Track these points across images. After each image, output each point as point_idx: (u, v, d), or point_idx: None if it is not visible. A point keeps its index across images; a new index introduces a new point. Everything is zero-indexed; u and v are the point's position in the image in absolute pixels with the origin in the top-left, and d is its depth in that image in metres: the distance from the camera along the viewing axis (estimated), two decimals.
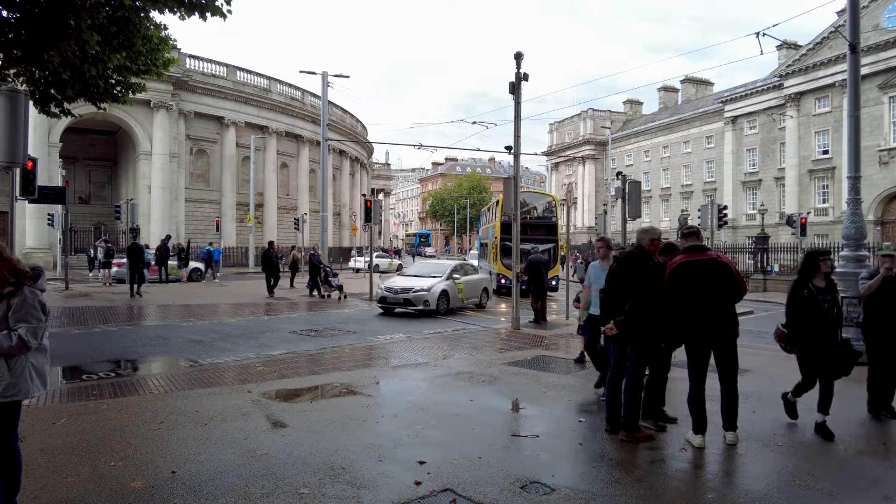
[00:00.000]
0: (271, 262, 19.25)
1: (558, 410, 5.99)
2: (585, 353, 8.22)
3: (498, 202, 22.66)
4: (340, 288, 18.31)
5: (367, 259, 24.79)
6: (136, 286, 17.50)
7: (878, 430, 5.47)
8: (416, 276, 16.27)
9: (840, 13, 30.07)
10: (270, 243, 21.06)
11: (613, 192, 17.17)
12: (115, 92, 11.47)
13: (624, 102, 70.00)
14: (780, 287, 26.05)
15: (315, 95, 39.17)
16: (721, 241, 35.86)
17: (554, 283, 19.93)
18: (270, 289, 19.06)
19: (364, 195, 28.63)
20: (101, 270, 24.49)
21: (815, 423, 5.18)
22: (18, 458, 3.37)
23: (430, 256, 59.77)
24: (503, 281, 21.05)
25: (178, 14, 8.93)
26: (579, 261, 39.85)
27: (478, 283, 17.13)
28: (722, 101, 48.89)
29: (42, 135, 29.90)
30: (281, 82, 42.80)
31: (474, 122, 24.69)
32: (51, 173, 30.12)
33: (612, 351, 5.33)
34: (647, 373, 5.17)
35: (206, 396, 6.20)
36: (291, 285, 21.81)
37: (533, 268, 13.38)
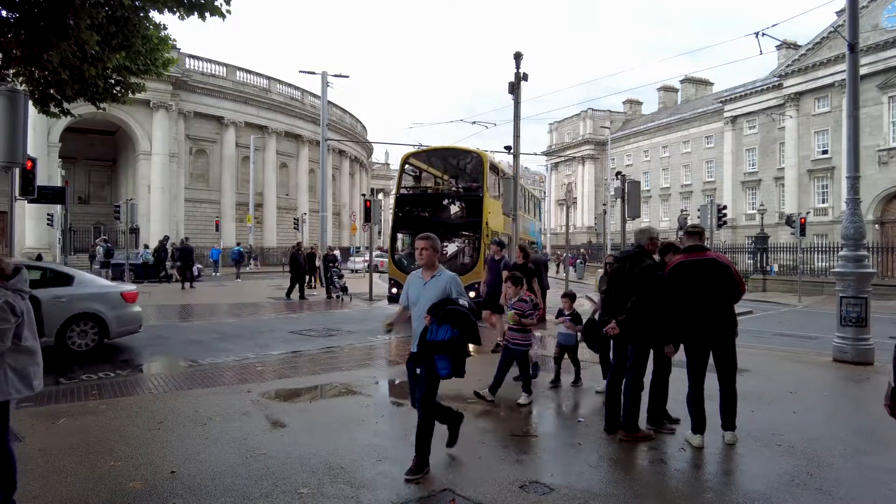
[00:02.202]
0: (298, 265, 19.03)
1: (558, 410, 5.99)
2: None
3: (403, 167, 15.51)
4: (345, 289, 18.28)
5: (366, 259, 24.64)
6: (189, 282, 21.13)
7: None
8: None
9: (839, 13, 30.07)
10: (298, 244, 20.88)
11: (613, 192, 17.18)
12: (114, 92, 11.48)
13: (623, 102, 69.99)
14: (779, 287, 26.06)
15: (315, 95, 39.17)
16: (721, 241, 35.86)
17: (473, 294, 10.70)
18: (289, 292, 18.35)
19: (364, 195, 28.64)
20: (101, 270, 24.50)
21: None
22: (12, 457, 3.34)
23: None
24: (395, 291, 13.88)
25: (178, 14, 8.95)
26: (578, 261, 40.15)
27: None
28: (721, 101, 48.91)
29: (41, 135, 29.90)
30: (281, 82, 42.81)
31: (474, 122, 24.80)
32: (50, 173, 30.13)
33: (616, 355, 5.32)
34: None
35: (206, 396, 6.21)
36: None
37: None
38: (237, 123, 38.68)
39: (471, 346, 4.21)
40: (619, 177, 15.37)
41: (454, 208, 14.47)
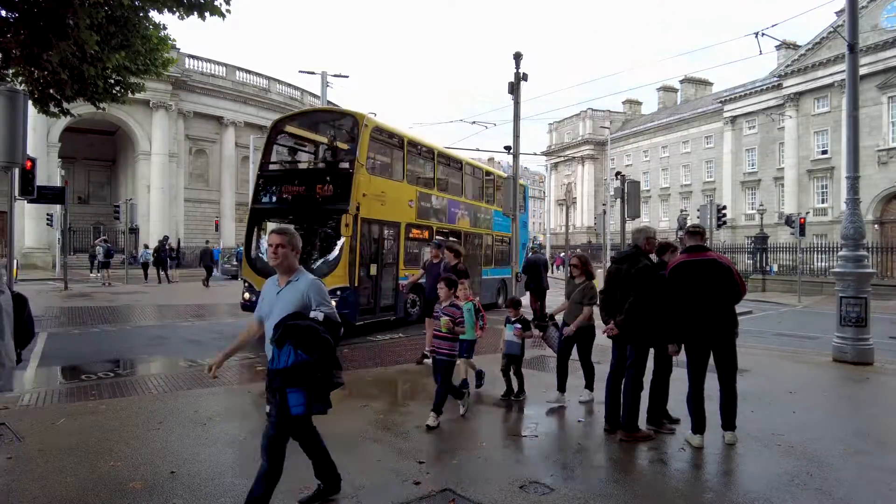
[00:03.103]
0: None
1: (557, 411, 5.99)
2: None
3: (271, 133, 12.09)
4: None
5: None
6: (206, 280, 22.28)
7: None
8: None
9: (839, 13, 30.09)
10: None
11: (613, 192, 17.18)
12: (114, 92, 11.49)
13: (623, 102, 70.00)
14: (778, 287, 26.08)
15: (314, 95, 39.16)
16: (720, 241, 35.89)
17: (335, 301, 6.97)
18: None
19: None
20: (101, 270, 24.50)
21: None
22: None
23: None
24: (247, 296, 11.00)
25: (178, 14, 8.96)
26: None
27: None
28: (721, 101, 48.95)
29: (41, 135, 29.90)
30: (280, 82, 42.80)
31: (473, 122, 24.68)
32: (50, 173, 30.11)
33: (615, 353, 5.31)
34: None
35: (206, 396, 6.20)
36: None
37: (532, 267, 13.38)
38: (237, 123, 38.69)
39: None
40: (619, 177, 15.39)
41: (323, 188, 10.73)
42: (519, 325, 6.20)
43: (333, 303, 3.34)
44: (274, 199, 11.26)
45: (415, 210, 12.49)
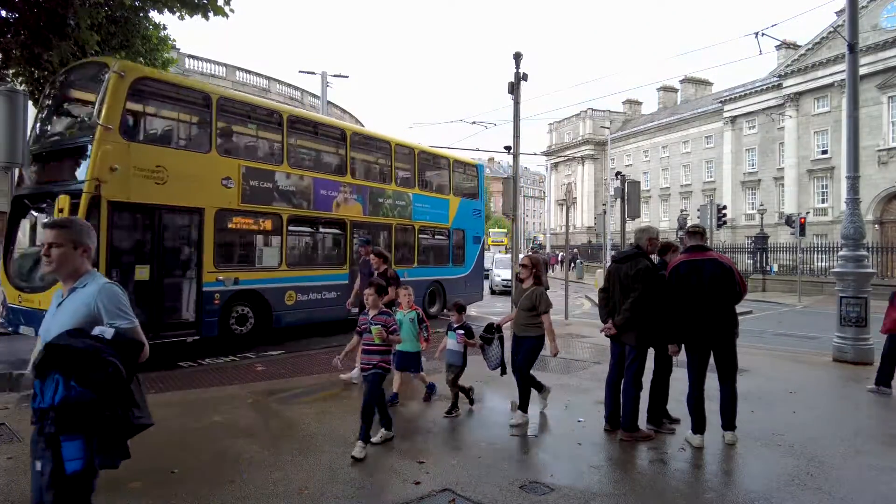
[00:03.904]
0: None
1: (557, 410, 5.98)
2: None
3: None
4: None
5: None
6: None
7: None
8: None
9: (839, 13, 30.07)
10: None
11: (613, 192, 17.18)
12: None
13: (623, 102, 69.98)
14: (778, 287, 26.08)
15: (314, 95, 39.14)
16: (720, 241, 35.89)
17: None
18: None
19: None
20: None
21: None
22: None
23: None
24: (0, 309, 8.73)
25: (178, 14, 8.97)
26: (578, 260, 40.18)
27: None
28: (721, 101, 48.93)
29: None
30: (280, 82, 42.73)
31: (473, 122, 24.68)
32: None
33: (614, 352, 5.31)
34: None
35: (206, 396, 6.20)
36: None
37: None
38: None
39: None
40: (619, 177, 15.40)
41: (63, 162, 8.45)
42: (462, 332, 5.64)
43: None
44: (33, 181, 8.78)
45: (236, 191, 9.51)
